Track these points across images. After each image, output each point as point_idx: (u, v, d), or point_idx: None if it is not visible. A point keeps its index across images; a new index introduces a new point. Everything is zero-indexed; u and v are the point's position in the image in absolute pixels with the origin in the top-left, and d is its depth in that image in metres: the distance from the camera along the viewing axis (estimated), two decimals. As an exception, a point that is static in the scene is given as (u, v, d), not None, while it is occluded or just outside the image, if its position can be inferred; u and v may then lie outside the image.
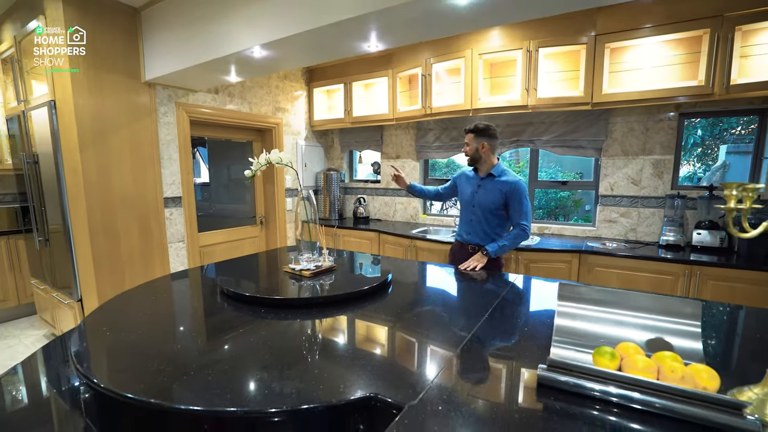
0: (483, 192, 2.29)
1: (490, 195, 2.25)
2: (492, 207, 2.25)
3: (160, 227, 3.03)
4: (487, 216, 2.28)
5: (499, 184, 2.23)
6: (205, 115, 3.30)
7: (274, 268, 2.14)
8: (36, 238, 3.00)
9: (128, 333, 1.32)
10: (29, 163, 2.86)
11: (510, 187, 2.20)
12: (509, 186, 2.20)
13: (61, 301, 2.86)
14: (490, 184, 2.27)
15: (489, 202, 2.25)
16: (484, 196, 2.28)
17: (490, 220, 2.28)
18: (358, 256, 2.45)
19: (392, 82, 3.77)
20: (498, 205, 2.24)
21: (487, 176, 2.28)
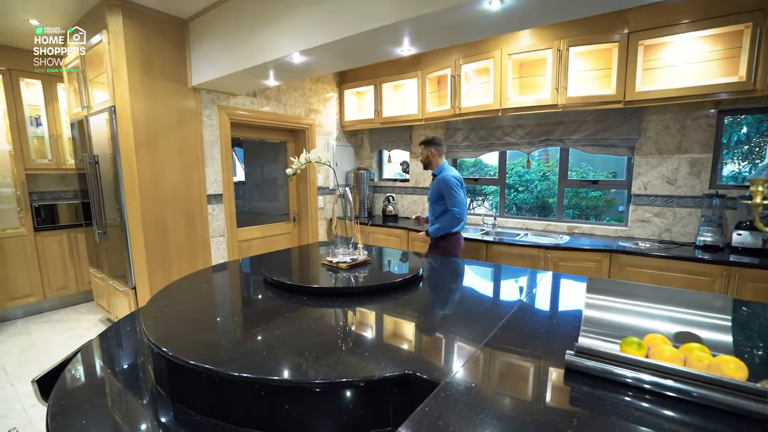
0: (431, 188, 2.91)
1: (432, 189, 2.88)
2: (434, 198, 2.87)
3: (203, 222, 3.24)
4: (432, 206, 2.91)
5: (436, 180, 2.84)
6: (244, 117, 3.49)
7: (311, 261, 2.28)
8: (95, 231, 3.29)
9: (187, 315, 1.47)
10: (90, 163, 3.14)
11: (441, 181, 2.77)
12: (440, 180, 2.78)
13: (117, 289, 3.13)
14: (433, 181, 2.89)
15: (432, 195, 2.89)
16: (430, 191, 2.93)
17: (434, 210, 2.89)
18: (390, 251, 2.55)
19: (421, 83, 3.84)
20: (437, 197, 2.82)
21: (433, 175, 2.92)
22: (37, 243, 3.77)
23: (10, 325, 3.62)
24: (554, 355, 1.08)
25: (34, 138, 3.84)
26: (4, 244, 3.59)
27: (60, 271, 3.94)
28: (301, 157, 2.09)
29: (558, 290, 1.80)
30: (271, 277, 1.78)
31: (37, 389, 1.31)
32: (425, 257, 2.42)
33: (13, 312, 3.74)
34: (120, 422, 1.06)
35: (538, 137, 3.53)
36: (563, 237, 3.29)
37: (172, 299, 1.63)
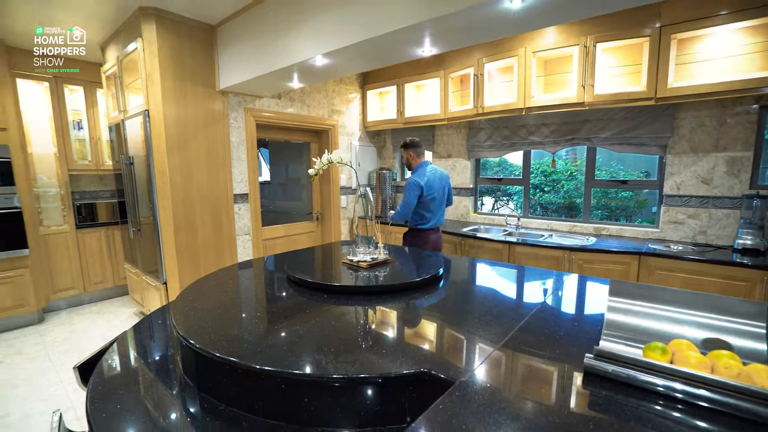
0: None
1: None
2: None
3: (229, 221, 3.36)
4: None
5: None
6: (269, 119, 3.59)
7: (332, 260, 2.32)
8: (130, 229, 3.46)
9: (214, 310, 1.54)
10: (126, 164, 3.31)
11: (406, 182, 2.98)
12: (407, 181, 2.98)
13: (150, 284, 3.29)
14: None
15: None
16: None
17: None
18: (411, 251, 2.56)
19: (444, 83, 3.83)
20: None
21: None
22: (78, 239, 4.01)
23: (55, 316, 3.87)
24: (573, 358, 1.07)
25: (76, 141, 4.08)
26: (49, 241, 3.83)
27: (98, 266, 4.17)
28: (323, 157, 2.13)
29: (581, 292, 1.76)
30: (294, 275, 1.82)
31: (77, 375, 1.41)
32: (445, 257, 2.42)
33: (58, 303, 3.99)
34: (151, 408, 1.12)
35: (563, 136, 3.45)
36: (589, 238, 3.20)
37: (199, 294, 1.71)
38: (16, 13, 2.89)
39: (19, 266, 3.49)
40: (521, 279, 2.02)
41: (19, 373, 2.77)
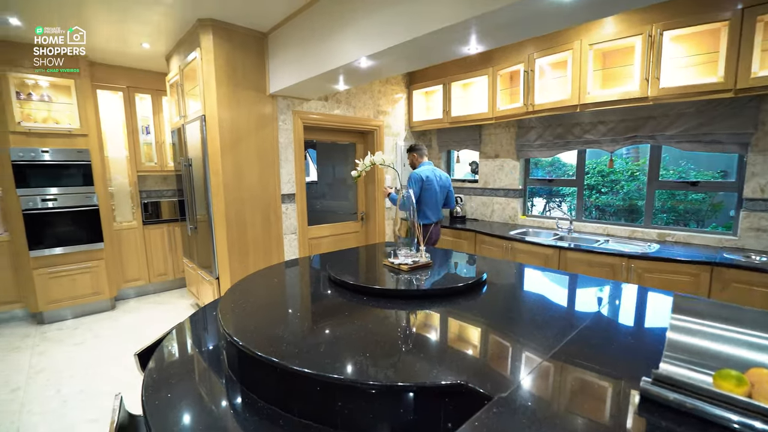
0: None
1: None
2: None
3: (277, 220, 3.49)
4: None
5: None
6: (316, 121, 3.68)
7: (374, 261, 2.32)
8: (188, 226, 3.72)
9: (258, 308, 1.60)
10: (185, 166, 3.56)
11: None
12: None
13: (204, 278, 3.50)
14: None
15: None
16: None
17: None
18: (454, 254, 2.50)
19: (492, 81, 3.70)
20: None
21: None
22: (144, 234, 4.38)
23: (125, 303, 4.25)
24: (629, 379, 0.97)
25: (144, 144, 4.45)
26: (122, 235, 4.22)
27: (161, 259, 4.52)
28: (365, 159, 2.14)
29: (641, 305, 1.61)
30: (335, 277, 1.85)
31: (137, 362, 1.53)
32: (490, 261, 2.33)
33: (127, 292, 4.38)
34: (199, 399, 1.18)
35: (623, 134, 3.19)
36: (651, 245, 2.94)
37: (245, 292, 1.78)
38: (98, 32, 3.20)
39: (95, 258, 3.88)
40: (572, 286, 1.89)
41: (98, 354, 3.07)
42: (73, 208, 3.72)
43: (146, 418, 1.09)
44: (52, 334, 3.48)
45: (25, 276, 3.63)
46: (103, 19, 2.97)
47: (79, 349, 3.19)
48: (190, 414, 1.11)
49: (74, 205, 3.73)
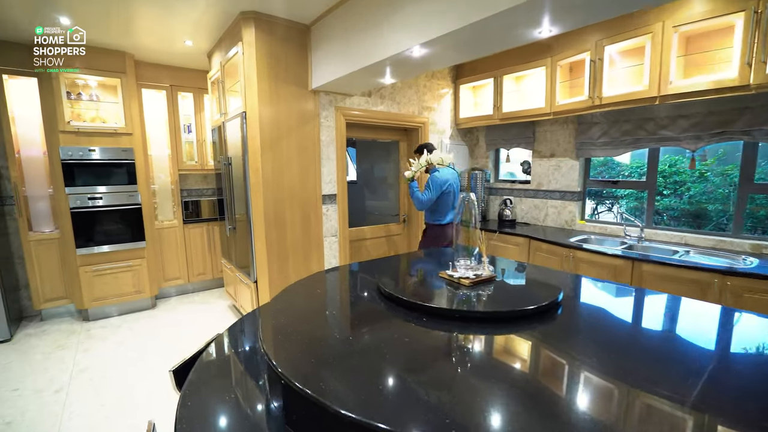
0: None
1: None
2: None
3: (317, 221, 3.33)
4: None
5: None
6: (358, 117, 3.49)
7: (429, 272, 2.09)
8: (227, 226, 3.64)
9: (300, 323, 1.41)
10: (225, 164, 3.48)
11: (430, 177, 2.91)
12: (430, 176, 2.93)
13: (242, 280, 3.41)
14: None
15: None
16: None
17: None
18: (515, 265, 2.22)
19: (550, 72, 3.36)
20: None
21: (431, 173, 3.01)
22: (184, 233, 4.37)
23: (165, 302, 4.26)
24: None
25: (186, 143, 4.45)
26: (162, 234, 4.23)
27: (200, 259, 4.51)
28: (421, 159, 1.92)
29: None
30: (386, 289, 1.63)
31: (173, 379, 1.38)
32: (558, 274, 2.04)
33: (167, 291, 4.39)
34: (245, 409, 1.00)
35: (709, 129, 2.77)
36: (747, 259, 2.51)
37: (287, 308, 1.60)
38: (143, 30, 3.17)
39: (138, 256, 3.89)
40: (672, 312, 1.57)
41: (138, 354, 3.03)
42: (117, 207, 3.75)
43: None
44: (96, 332, 3.50)
45: (71, 273, 3.68)
46: (147, 16, 2.92)
47: (120, 348, 3.17)
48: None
49: (118, 203, 3.75)
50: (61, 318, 3.82)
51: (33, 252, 3.62)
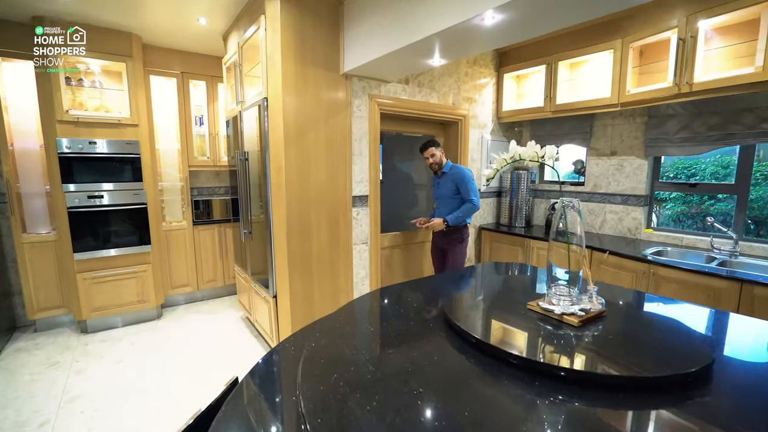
0: (442, 186, 3.00)
1: (446, 185, 2.96)
2: (450, 193, 2.95)
3: (346, 227, 2.88)
4: (448, 200, 2.97)
5: (451, 174, 2.94)
6: (394, 108, 3.03)
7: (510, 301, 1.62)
8: (241, 230, 3.21)
9: (341, 367, 0.96)
10: (241, 160, 3.05)
11: (458, 174, 2.90)
12: (457, 173, 2.91)
13: (258, 293, 2.97)
14: (444, 177, 2.98)
15: (447, 191, 2.96)
16: (442, 187, 3.00)
17: (449, 204, 2.96)
18: (634, 295, 1.74)
19: (621, 56, 2.87)
20: (453, 192, 2.93)
21: (442, 174, 3.00)
22: (194, 236, 3.96)
23: (171, 312, 3.85)
24: None
25: (197, 137, 4.04)
26: (170, 236, 3.83)
27: (210, 264, 4.10)
28: (507, 153, 1.47)
29: None
30: (458, 325, 1.18)
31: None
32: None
33: (174, 299, 3.99)
34: None
35: (832, 123, 2.26)
36: None
37: (328, 349, 1.16)
38: (149, 5, 2.76)
39: (142, 262, 3.49)
40: None
41: (137, 377, 2.62)
42: (120, 206, 3.35)
43: None
44: (94, 347, 3.10)
45: (69, 280, 3.29)
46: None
47: (118, 368, 2.76)
48: None
49: (122, 202, 3.35)
50: (57, 329, 3.43)
51: (27, 255, 3.24)
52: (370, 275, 3.09)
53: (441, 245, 3.08)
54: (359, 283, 3.04)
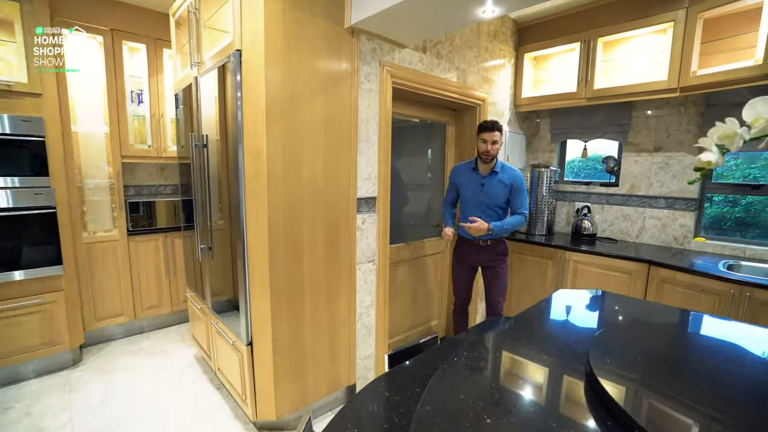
0: (489, 188, 2.29)
1: (499, 188, 2.28)
2: (500, 201, 2.29)
3: (349, 240, 2.11)
4: (496, 210, 2.30)
5: (505, 176, 2.28)
6: (410, 83, 2.30)
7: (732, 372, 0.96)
8: (197, 246, 2.32)
9: None
10: (197, 147, 2.18)
11: (515, 178, 2.28)
12: (515, 178, 2.28)
13: (223, 336, 2.11)
14: (492, 179, 2.29)
15: (498, 197, 2.28)
16: (491, 193, 2.29)
17: (491, 215, 2.29)
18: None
19: (683, 30, 2.36)
20: (505, 198, 2.29)
21: (491, 172, 2.29)
22: (130, 250, 2.98)
23: (95, 353, 2.84)
24: None
25: (134, 118, 3.07)
26: (93, 251, 2.82)
27: (153, 286, 3.13)
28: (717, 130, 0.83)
29: None
30: None
31: None
32: None
33: (104, 333, 2.98)
34: None
35: None
36: None
37: None
38: None
39: (49, 289, 2.48)
40: None
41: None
42: (13, 211, 2.33)
43: None
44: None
45: (-72, 319, 2.23)
46: None
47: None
48: None
49: (15, 206, 2.34)
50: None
51: None
52: (376, 303, 2.34)
53: (473, 262, 2.39)
54: (364, 313, 2.28)
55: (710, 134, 0.96)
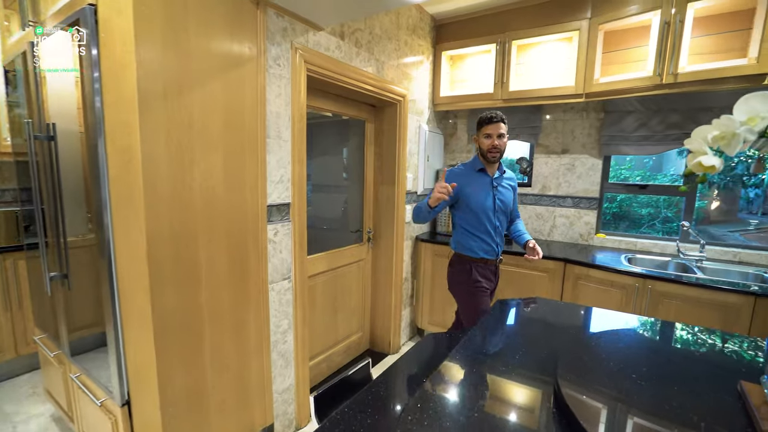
0: (500, 193, 2.03)
1: (507, 194, 2.07)
2: (511, 206, 2.10)
3: (259, 256, 1.75)
4: (506, 217, 2.10)
5: (509, 180, 2.11)
6: (326, 71, 2.02)
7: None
8: (45, 272, 1.71)
9: None
10: (39, 139, 1.60)
11: (515, 181, 2.15)
12: (514, 180, 2.14)
13: (88, 395, 1.58)
14: (501, 180, 2.06)
15: (508, 203, 2.07)
16: (504, 195, 2.05)
17: (502, 221, 2.07)
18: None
19: (588, 39, 2.49)
20: (512, 202, 2.11)
21: (500, 173, 2.06)
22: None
23: None
24: None
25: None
26: None
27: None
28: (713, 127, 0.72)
29: None
30: None
31: None
32: None
33: None
34: None
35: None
36: None
37: None
38: None
39: None
40: None
41: None
42: None
43: None
44: None
45: None
46: None
47: None
48: None
49: None
50: None
51: None
52: (294, 326, 2.01)
53: (489, 284, 2.06)
54: (279, 340, 1.94)
55: (696, 135, 0.87)
